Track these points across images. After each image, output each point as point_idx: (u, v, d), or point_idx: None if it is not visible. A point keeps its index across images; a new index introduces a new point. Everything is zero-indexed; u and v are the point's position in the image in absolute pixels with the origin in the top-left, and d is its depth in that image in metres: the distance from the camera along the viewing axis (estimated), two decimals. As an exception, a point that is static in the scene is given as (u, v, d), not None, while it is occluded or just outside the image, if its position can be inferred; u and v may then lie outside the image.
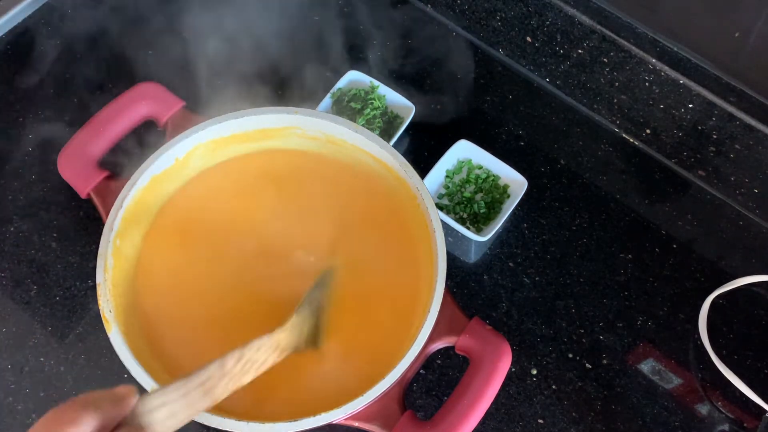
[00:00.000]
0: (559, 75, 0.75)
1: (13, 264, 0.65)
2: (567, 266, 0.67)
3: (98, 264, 0.53)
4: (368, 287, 0.57)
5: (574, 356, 0.63)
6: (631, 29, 0.68)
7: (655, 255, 0.68)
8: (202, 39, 0.69)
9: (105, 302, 0.52)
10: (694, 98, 0.66)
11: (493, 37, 0.77)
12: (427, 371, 0.62)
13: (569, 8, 0.69)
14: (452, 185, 0.69)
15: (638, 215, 0.70)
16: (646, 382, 0.62)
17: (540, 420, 0.60)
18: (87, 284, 0.64)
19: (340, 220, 0.60)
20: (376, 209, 0.60)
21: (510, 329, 0.64)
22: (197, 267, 0.58)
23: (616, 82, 0.71)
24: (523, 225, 0.69)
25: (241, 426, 0.48)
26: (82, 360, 0.61)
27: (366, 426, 0.50)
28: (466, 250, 0.68)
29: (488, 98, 0.76)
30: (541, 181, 0.71)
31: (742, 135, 0.66)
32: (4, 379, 0.60)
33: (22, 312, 0.63)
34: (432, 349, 0.53)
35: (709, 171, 0.71)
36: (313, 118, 0.59)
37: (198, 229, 0.60)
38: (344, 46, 0.76)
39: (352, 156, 0.61)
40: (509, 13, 0.74)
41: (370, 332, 0.56)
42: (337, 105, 0.70)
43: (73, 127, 0.61)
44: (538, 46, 0.74)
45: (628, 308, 0.66)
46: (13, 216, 0.67)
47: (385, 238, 0.59)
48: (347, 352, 0.55)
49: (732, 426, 0.61)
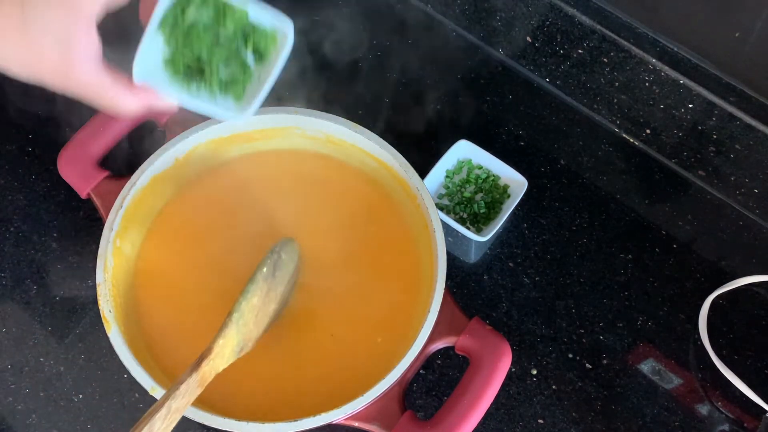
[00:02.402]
0: (559, 75, 0.75)
1: (13, 264, 0.65)
2: (567, 266, 0.67)
3: (98, 264, 0.53)
4: (368, 287, 0.57)
5: (574, 356, 0.63)
6: (631, 29, 0.68)
7: (655, 255, 0.68)
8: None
9: (105, 302, 0.52)
10: (695, 98, 0.66)
11: (493, 36, 0.77)
12: (427, 371, 0.62)
13: (569, 8, 0.69)
14: (452, 185, 0.69)
15: (638, 215, 0.70)
16: (646, 382, 0.62)
17: (540, 420, 0.60)
18: (87, 284, 0.64)
19: (340, 221, 0.60)
20: (376, 209, 0.60)
21: (510, 329, 0.64)
22: (197, 267, 0.58)
23: (616, 82, 0.71)
24: (523, 225, 0.69)
25: (241, 426, 0.48)
26: (82, 360, 0.61)
27: (366, 426, 0.50)
28: (466, 250, 0.68)
29: (488, 98, 0.76)
30: (541, 181, 0.71)
31: (743, 135, 0.65)
32: (3, 379, 0.60)
33: (22, 312, 0.63)
34: (432, 349, 0.53)
35: (710, 171, 0.71)
36: (313, 118, 0.59)
37: (198, 229, 0.60)
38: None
39: (352, 156, 0.61)
40: (509, 13, 0.74)
41: (370, 332, 0.56)
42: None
43: (73, 127, 0.61)
44: (538, 46, 0.74)
45: (628, 308, 0.66)
46: (13, 216, 0.67)
47: (384, 238, 0.59)
48: (347, 352, 0.55)
49: (732, 426, 0.61)
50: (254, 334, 0.50)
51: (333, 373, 0.54)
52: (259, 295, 0.49)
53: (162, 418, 0.42)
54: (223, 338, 0.47)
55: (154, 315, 0.56)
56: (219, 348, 0.46)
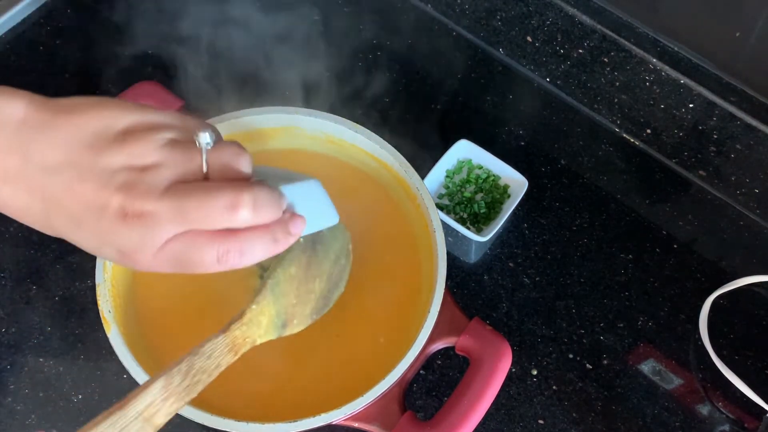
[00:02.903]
0: (559, 75, 0.75)
1: (13, 264, 0.65)
2: (567, 266, 0.67)
3: (98, 264, 0.53)
4: (368, 288, 0.57)
5: (575, 356, 0.63)
6: (631, 29, 0.68)
7: (656, 255, 0.68)
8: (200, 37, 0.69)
9: (104, 302, 0.52)
10: (695, 98, 0.66)
11: (493, 36, 0.77)
12: (428, 372, 0.62)
13: (570, 8, 0.69)
14: (452, 185, 0.69)
15: (639, 215, 0.70)
16: (646, 382, 0.62)
17: (540, 420, 0.60)
18: (87, 284, 0.64)
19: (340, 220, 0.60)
20: (376, 209, 0.60)
21: (510, 329, 0.64)
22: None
23: (617, 82, 0.71)
24: (524, 225, 0.69)
25: (241, 426, 0.48)
26: (82, 360, 0.61)
27: (366, 426, 0.50)
28: (466, 250, 0.67)
29: (488, 98, 0.76)
30: (541, 181, 0.71)
31: (743, 135, 0.65)
32: (3, 379, 0.60)
33: (21, 312, 0.62)
34: (432, 350, 0.53)
35: (710, 171, 0.71)
36: (313, 118, 0.59)
37: (198, 229, 0.59)
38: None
39: (352, 156, 0.61)
40: (509, 13, 0.74)
41: (370, 333, 0.55)
42: None
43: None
44: (539, 46, 0.74)
45: (628, 308, 0.65)
46: (13, 216, 0.67)
47: (384, 238, 0.59)
48: (347, 352, 0.55)
49: (732, 426, 0.61)
50: (298, 310, 0.47)
51: (334, 373, 0.54)
52: (297, 265, 0.47)
53: (182, 374, 0.39)
54: (258, 303, 0.44)
55: (154, 315, 0.55)
56: (252, 314, 0.44)
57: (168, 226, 0.36)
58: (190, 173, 0.37)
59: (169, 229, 0.36)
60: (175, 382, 0.38)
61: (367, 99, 0.74)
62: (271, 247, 0.39)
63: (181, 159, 0.37)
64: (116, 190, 0.36)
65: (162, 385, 0.38)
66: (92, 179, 0.36)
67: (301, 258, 0.47)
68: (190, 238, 0.37)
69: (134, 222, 0.36)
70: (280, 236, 0.40)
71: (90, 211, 0.36)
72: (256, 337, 0.44)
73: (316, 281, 0.49)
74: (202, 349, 0.40)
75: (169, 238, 0.36)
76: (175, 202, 0.36)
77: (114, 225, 0.36)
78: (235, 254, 0.38)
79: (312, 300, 0.49)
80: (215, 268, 0.38)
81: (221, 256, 0.37)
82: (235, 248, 0.38)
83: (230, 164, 0.38)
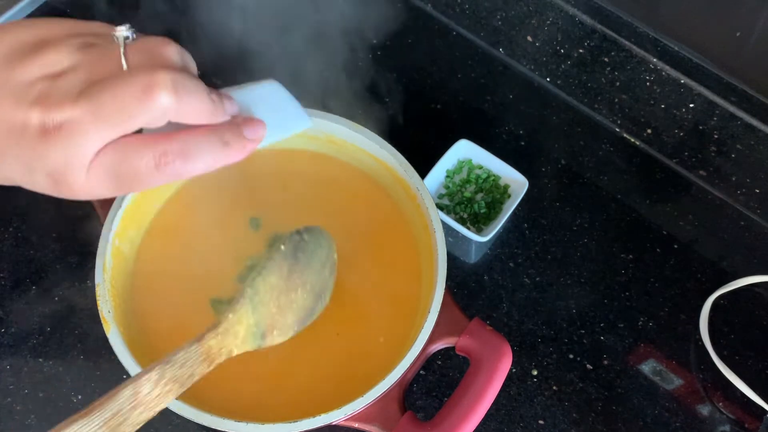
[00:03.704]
0: (559, 74, 0.75)
1: (13, 264, 0.65)
2: (568, 266, 0.67)
3: (97, 264, 0.53)
4: (368, 288, 0.57)
5: (575, 357, 0.63)
6: (632, 29, 0.68)
7: (656, 255, 0.68)
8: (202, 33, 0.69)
9: (104, 303, 0.51)
10: (696, 98, 0.66)
11: (493, 36, 0.77)
12: (428, 372, 0.61)
13: (570, 7, 0.69)
14: (452, 185, 0.69)
15: (639, 215, 0.70)
16: (647, 382, 0.62)
17: (541, 421, 0.60)
18: (86, 284, 0.64)
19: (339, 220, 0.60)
20: (376, 209, 0.60)
21: (510, 330, 0.64)
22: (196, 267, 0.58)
23: (617, 82, 0.71)
24: (524, 225, 0.69)
25: (241, 426, 0.47)
26: (82, 360, 0.61)
27: (366, 427, 0.50)
28: (466, 250, 0.67)
29: (488, 98, 0.76)
30: (541, 181, 0.71)
31: (744, 135, 0.65)
32: (3, 379, 0.60)
33: (21, 312, 0.62)
34: (432, 350, 0.53)
35: (711, 171, 0.71)
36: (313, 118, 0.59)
37: (197, 229, 0.59)
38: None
39: (352, 156, 0.61)
40: (509, 13, 0.74)
41: (370, 333, 0.55)
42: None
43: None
44: (539, 46, 0.74)
45: (628, 309, 0.65)
46: (13, 216, 0.67)
47: (384, 238, 0.59)
48: (347, 352, 0.55)
49: (733, 427, 0.61)
50: (279, 320, 0.45)
51: (334, 374, 0.54)
52: (277, 274, 0.45)
53: (152, 382, 0.36)
54: (234, 313, 0.42)
55: (153, 315, 0.55)
56: (228, 323, 0.42)
57: (91, 132, 0.32)
58: (108, 72, 0.33)
59: (93, 137, 0.32)
60: (144, 390, 0.36)
61: (367, 99, 0.74)
62: (222, 152, 0.35)
63: (98, 58, 0.33)
64: (31, 104, 0.32)
65: (130, 393, 0.35)
66: (6, 96, 0.32)
67: (282, 266, 0.45)
68: (122, 144, 0.33)
69: (55, 136, 0.32)
70: (231, 138, 0.35)
71: (10, 134, 0.32)
72: (232, 347, 0.42)
73: (298, 290, 0.47)
74: (174, 358, 0.38)
75: (99, 150, 0.33)
76: (90, 102, 0.32)
77: (37, 144, 0.32)
78: (177, 158, 0.34)
79: (294, 310, 0.47)
80: (156, 178, 0.34)
81: (159, 161, 0.33)
82: (173, 149, 0.33)
83: (153, 54, 0.34)
